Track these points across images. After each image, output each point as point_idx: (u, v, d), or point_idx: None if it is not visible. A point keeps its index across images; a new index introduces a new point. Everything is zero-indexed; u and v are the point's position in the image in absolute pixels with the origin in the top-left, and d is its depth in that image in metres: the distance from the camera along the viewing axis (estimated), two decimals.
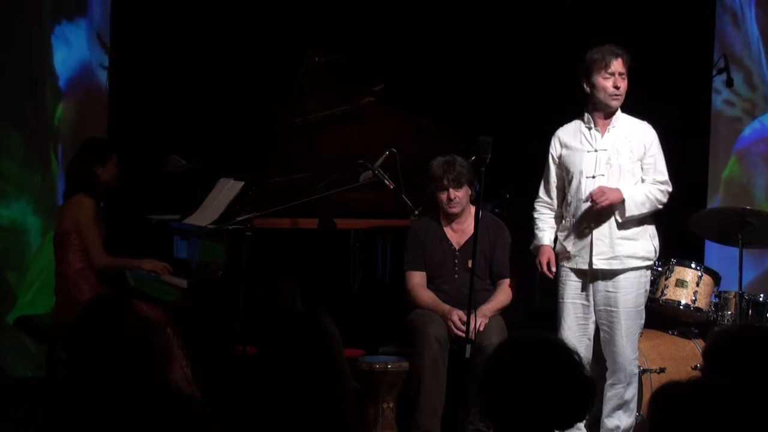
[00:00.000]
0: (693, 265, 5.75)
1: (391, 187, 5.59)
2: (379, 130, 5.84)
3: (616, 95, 5.05)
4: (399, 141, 5.69)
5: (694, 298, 5.68)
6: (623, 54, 5.05)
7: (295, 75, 5.61)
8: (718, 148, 7.01)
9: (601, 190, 4.97)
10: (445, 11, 7.17)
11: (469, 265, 5.18)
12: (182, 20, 7.21)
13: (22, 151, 7.07)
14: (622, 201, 4.98)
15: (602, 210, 5.02)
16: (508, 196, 5.90)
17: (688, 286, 5.68)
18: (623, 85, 5.05)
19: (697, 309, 5.69)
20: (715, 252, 6.66)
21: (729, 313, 5.71)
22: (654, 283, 5.74)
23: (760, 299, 5.70)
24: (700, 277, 5.71)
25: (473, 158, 5.27)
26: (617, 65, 5.02)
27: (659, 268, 5.77)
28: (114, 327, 3.07)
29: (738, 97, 6.92)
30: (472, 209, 5.34)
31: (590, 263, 5.06)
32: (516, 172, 5.85)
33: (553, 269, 5.15)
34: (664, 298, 5.70)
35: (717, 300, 5.76)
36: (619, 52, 5.04)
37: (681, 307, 5.70)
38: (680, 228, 5.84)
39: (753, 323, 5.53)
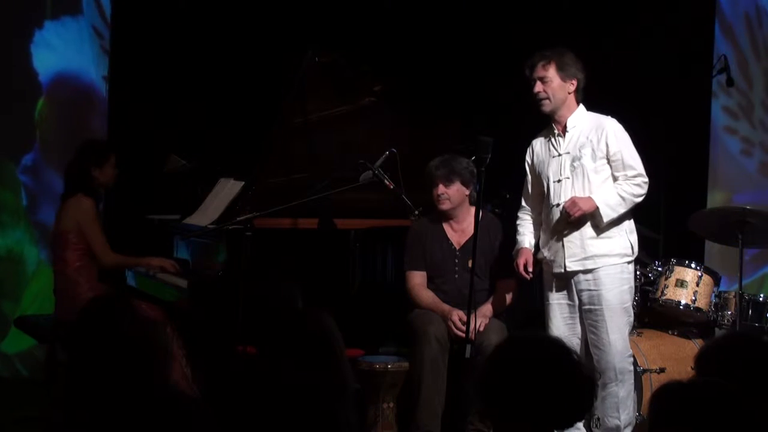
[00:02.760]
0: (693, 265, 5.74)
1: (391, 187, 5.59)
2: (379, 130, 5.84)
3: (538, 101, 5.06)
4: (399, 141, 5.69)
5: (694, 298, 5.67)
6: (540, 57, 5.05)
7: (295, 75, 5.61)
8: (718, 147, 7.01)
9: (573, 202, 4.96)
10: (445, 11, 7.17)
11: (469, 264, 5.18)
12: (182, 20, 7.21)
13: (18, 180, 7.08)
14: (596, 208, 4.98)
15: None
16: (508, 196, 5.90)
17: (688, 286, 5.68)
18: (546, 88, 5.03)
19: (697, 309, 5.69)
20: (716, 252, 6.66)
21: (729, 313, 5.71)
22: (654, 283, 5.74)
23: (760, 299, 5.69)
24: (700, 277, 5.70)
25: (473, 158, 5.27)
26: (535, 73, 5.05)
27: (659, 268, 5.77)
28: (114, 327, 3.07)
29: (738, 95, 6.92)
30: (472, 209, 5.34)
31: (564, 266, 5.06)
32: (516, 172, 5.84)
33: (530, 269, 5.15)
34: (664, 298, 5.70)
35: (717, 300, 5.76)
36: (535, 59, 5.06)
37: (681, 307, 5.70)
38: (680, 228, 5.84)
39: (741, 333, 5.49)
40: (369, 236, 5.64)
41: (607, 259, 5.05)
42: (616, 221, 5.06)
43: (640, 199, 5.05)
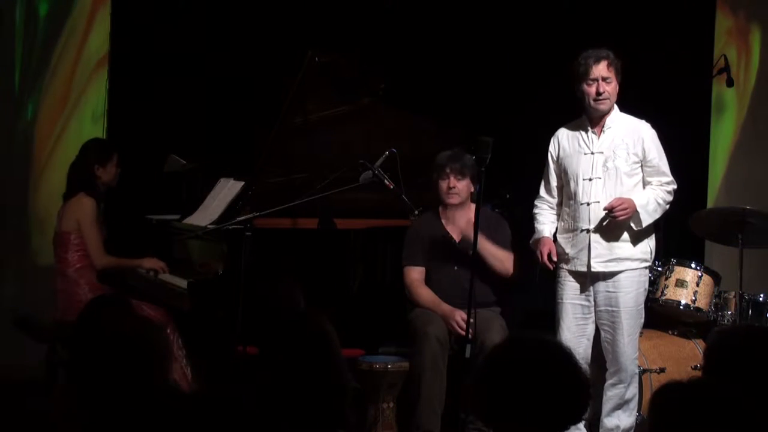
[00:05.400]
0: (693, 265, 5.75)
1: (391, 187, 5.59)
2: (379, 130, 5.84)
3: (600, 100, 5.03)
4: (399, 141, 5.69)
5: (694, 298, 5.68)
6: (605, 57, 5.02)
7: (295, 75, 5.61)
8: (718, 147, 7.02)
9: (622, 203, 4.94)
10: (445, 11, 7.17)
11: (469, 254, 5.16)
12: (182, 20, 7.21)
13: None
14: (636, 212, 4.98)
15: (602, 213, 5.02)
16: (508, 195, 5.90)
17: (688, 286, 5.68)
18: (608, 88, 5.02)
19: (697, 309, 5.69)
20: (716, 252, 6.66)
21: (729, 313, 5.71)
22: (654, 283, 5.74)
23: (760, 299, 5.69)
24: (700, 277, 5.70)
25: (473, 158, 5.27)
26: (598, 70, 5.01)
27: (659, 268, 5.77)
28: (114, 327, 3.07)
29: (737, 95, 6.92)
30: (472, 207, 5.33)
31: (588, 266, 5.07)
32: (516, 172, 5.85)
33: (554, 259, 5.14)
34: (664, 298, 5.70)
35: (717, 300, 5.76)
36: (601, 55, 5.02)
37: (681, 307, 5.70)
38: (680, 228, 5.84)
39: (755, 324, 5.52)
40: (369, 236, 5.64)
41: (629, 263, 5.07)
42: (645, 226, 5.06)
43: (668, 206, 5.11)
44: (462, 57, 7.14)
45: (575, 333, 5.11)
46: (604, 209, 4.99)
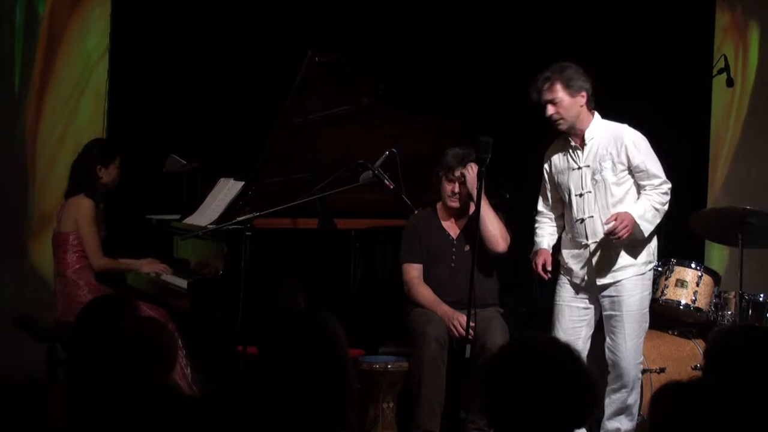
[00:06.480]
0: (693, 265, 5.74)
1: (391, 187, 5.59)
2: (379, 130, 5.84)
3: (554, 122, 5.00)
4: (399, 141, 5.69)
5: (694, 298, 5.67)
6: (545, 79, 4.96)
7: (295, 75, 5.61)
8: (718, 147, 7.02)
9: (621, 221, 4.89)
10: (445, 11, 7.17)
11: (466, 249, 5.14)
12: (182, 20, 7.21)
13: None
14: (635, 224, 4.95)
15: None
16: (508, 196, 5.90)
17: (688, 286, 5.68)
18: (558, 109, 4.96)
19: (697, 309, 5.69)
20: (716, 252, 6.66)
21: (729, 313, 5.71)
22: (654, 283, 5.73)
23: (760, 299, 5.69)
24: (700, 277, 5.70)
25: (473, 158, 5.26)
26: (543, 96, 4.97)
27: (659, 268, 5.77)
28: (114, 327, 3.06)
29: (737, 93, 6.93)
30: (472, 206, 5.33)
31: (592, 280, 5.05)
32: (516, 172, 5.85)
33: (549, 268, 5.14)
34: (664, 298, 5.70)
35: (717, 300, 5.76)
36: (539, 82, 4.97)
37: (681, 307, 5.70)
38: (680, 228, 5.84)
39: (755, 324, 5.52)
40: (369, 236, 5.64)
41: (634, 268, 5.05)
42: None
43: (666, 207, 5.06)
44: (462, 57, 7.14)
45: (570, 335, 5.08)
46: (605, 233, 4.96)
